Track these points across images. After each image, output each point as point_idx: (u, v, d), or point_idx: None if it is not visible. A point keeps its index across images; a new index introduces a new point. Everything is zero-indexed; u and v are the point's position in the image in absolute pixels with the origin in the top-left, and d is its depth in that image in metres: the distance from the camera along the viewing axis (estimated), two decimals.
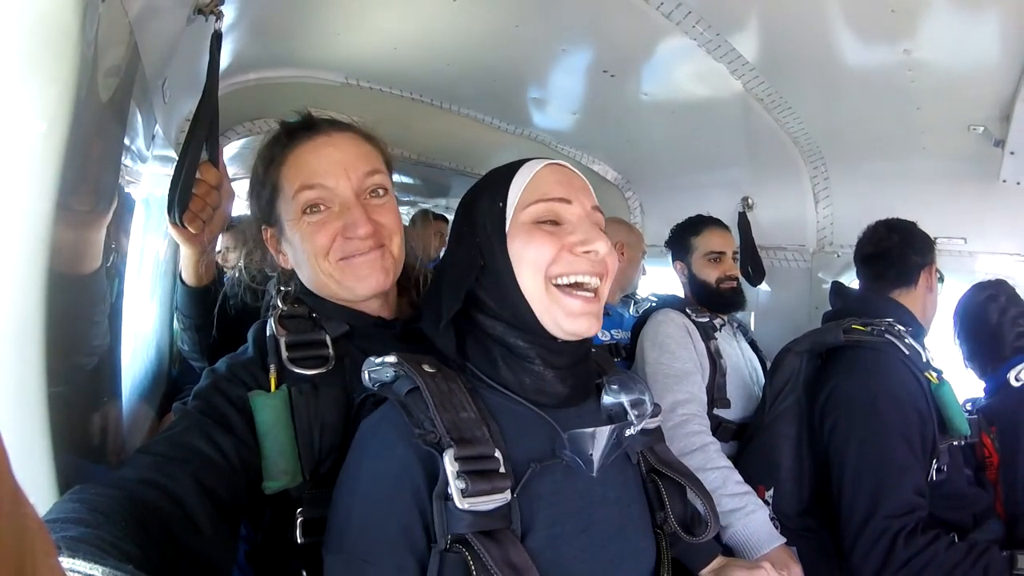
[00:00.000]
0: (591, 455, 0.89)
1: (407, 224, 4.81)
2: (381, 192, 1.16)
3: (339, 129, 1.15)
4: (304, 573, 1.02)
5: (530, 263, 0.92)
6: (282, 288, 1.19)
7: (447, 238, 1.06)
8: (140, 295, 1.80)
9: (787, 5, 1.69)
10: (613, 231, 2.72)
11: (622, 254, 2.68)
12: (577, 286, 0.92)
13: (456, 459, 0.80)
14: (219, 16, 1.23)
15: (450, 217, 4.79)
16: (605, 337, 2.58)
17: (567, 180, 0.96)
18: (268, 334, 1.10)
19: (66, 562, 0.59)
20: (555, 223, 0.93)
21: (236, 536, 1.03)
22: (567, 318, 0.91)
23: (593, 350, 1.05)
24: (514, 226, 0.94)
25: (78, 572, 0.59)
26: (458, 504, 0.78)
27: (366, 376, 0.92)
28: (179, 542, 0.84)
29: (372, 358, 0.92)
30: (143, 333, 1.80)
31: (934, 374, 1.67)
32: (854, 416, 1.64)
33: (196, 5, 1.21)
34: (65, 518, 0.71)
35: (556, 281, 0.91)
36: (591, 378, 1.03)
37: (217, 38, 1.22)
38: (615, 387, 1.01)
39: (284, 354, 1.07)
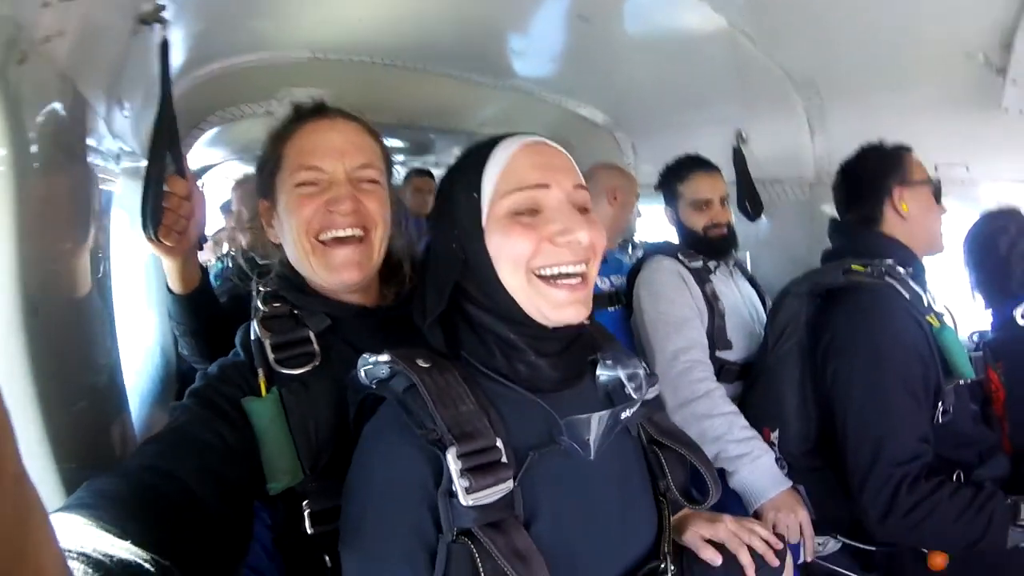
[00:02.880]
0: (588, 440, 0.88)
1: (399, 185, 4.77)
2: (372, 183, 1.17)
3: (345, 117, 1.19)
4: (327, 558, 1.04)
5: (509, 259, 0.89)
6: (261, 289, 1.18)
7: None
8: (137, 304, 1.82)
9: None
10: (604, 176, 2.67)
11: (615, 199, 2.62)
12: (561, 276, 0.89)
13: (459, 456, 0.80)
14: (164, 23, 1.18)
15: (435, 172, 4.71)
16: (604, 284, 2.55)
17: (545, 161, 0.92)
18: (253, 338, 1.10)
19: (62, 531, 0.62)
20: (534, 211, 0.89)
21: (249, 515, 1.05)
22: (553, 309, 0.89)
23: (587, 324, 1.00)
24: (491, 220, 0.90)
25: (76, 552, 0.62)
26: (462, 501, 0.79)
27: (362, 375, 0.91)
28: (185, 523, 0.86)
29: (365, 355, 0.91)
30: (146, 339, 1.82)
31: (935, 318, 1.63)
32: (856, 363, 1.62)
33: (137, 16, 1.16)
34: (68, 504, 0.75)
35: (539, 272, 0.89)
36: (585, 357, 1.01)
37: (164, 47, 1.17)
38: (609, 362, 1.00)
39: (271, 356, 1.07)
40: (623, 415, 0.93)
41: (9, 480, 0.28)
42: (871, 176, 1.85)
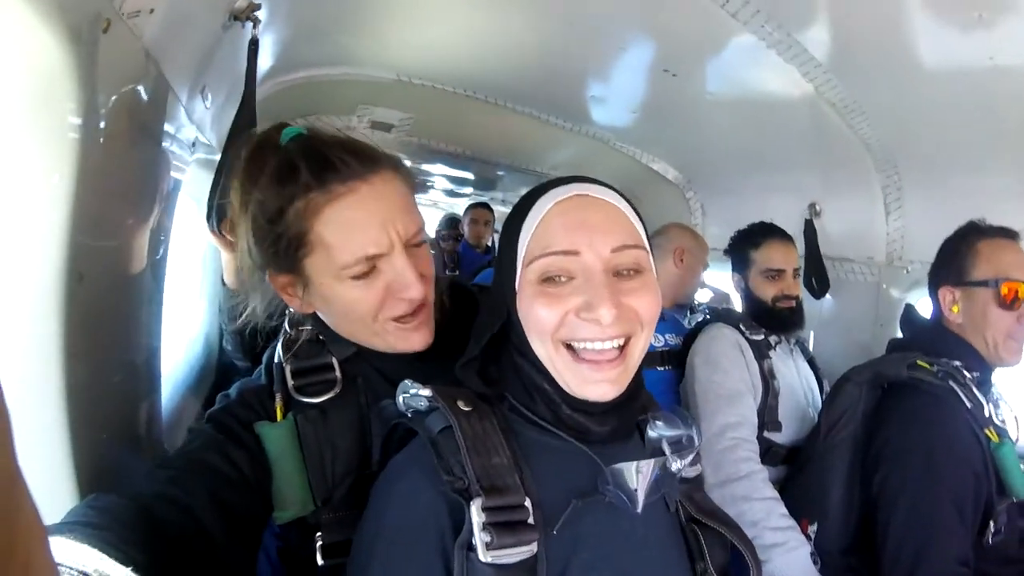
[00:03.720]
0: (635, 491, 0.82)
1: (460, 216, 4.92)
2: (421, 243, 1.06)
3: (371, 168, 0.99)
4: None
5: (534, 329, 0.85)
6: (291, 310, 1.14)
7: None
8: (189, 290, 1.86)
9: (863, 5, 1.56)
10: (676, 235, 2.64)
11: (681, 260, 2.57)
12: (590, 350, 0.83)
13: (483, 509, 0.75)
14: (256, 22, 1.22)
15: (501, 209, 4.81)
16: (658, 343, 2.48)
17: (580, 220, 0.84)
18: (276, 361, 1.08)
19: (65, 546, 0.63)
20: (565, 278, 0.84)
21: (255, 547, 1.02)
22: (578, 385, 0.84)
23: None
24: (523, 283, 0.86)
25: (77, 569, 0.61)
26: (481, 557, 0.74)
27: (400, 401, 0.87)
28: (191, 553, 0.84)
29: (407, 383, 0.87)
30: (191, 326, 1.86)
31: (995, 432, 1.50)
32: (907, 472, 1.51)
33: (231, 12, 1.20)
34: (75, 521, 0.72)
35: (566, 342, 0.83)
36: (634, 415, 0.95)
37: (253, 45, 1.20)
38: (660, 423, 0.93)
39: (290, 382, 1.04)
40: (673, 466, 0.86)
41: (3, 476, 0.27)
42: (933, 267, 1.75)
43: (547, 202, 0.86)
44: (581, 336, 0.82)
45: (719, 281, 3.15)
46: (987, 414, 1.53)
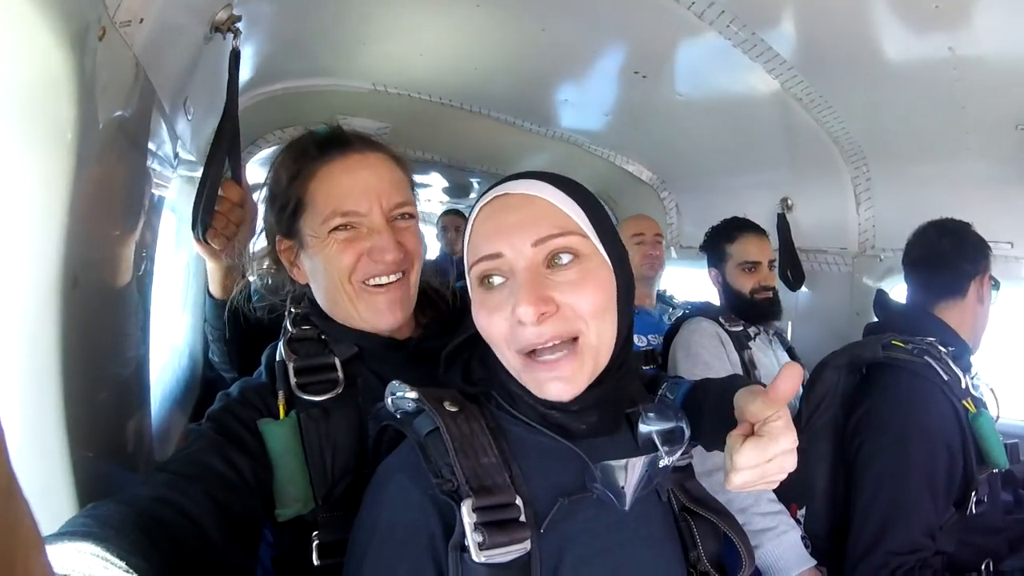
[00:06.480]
0: (623, 488, 0.83)
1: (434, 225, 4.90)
2: (408, 217, 1.13)
3: (372, 148, 1.12)
4: None
5: (490, 339, 0.86)
6: (293, 309, 1.17)
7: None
8: (173, 304, 1.85)
9: (825, 1, 1.62)
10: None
11: None
12: (542, 351, 0.83)
13: (474, 510, 0.76)
14: (236, 34, 1.23)
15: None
16: (641, 343, 2.52)
17: (499, 223, 0.84)
18: (278, 359, 1.09)
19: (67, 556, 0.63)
20: (499, 279, 0.84)
21: (254, 551, 1.02)
22: (538, 387, 0.84)
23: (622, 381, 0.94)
24: (472, 291, 0.88)
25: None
26: (474, 557, 0.74)
27: (389, 402, 0.88)
28: (192, 558, 0.84)
29: (394, 384, 0.87)
30: (175, 341, 1.85)
31: (972, 403, 1.56)
32: (880, 445, 1.57)
33: (212, 24, 1.21)
34: (74, 531, 0.71)
35: (520, 351, 0.84)
36: (619, 409, 0.96)
37: (235, 56, 1.21)
38: (651, 415, 0.94)
39: (293, 380, 1.05)
40: (661, 463, 0.86)
41: (1, 492, 0.27)
42: (964, 255, 1.78)
43: (476, 209, 0.89)
44: (526, 342, 0.82)
45: (694, 278, 3.20)
46: (964, 386, 1.59)
